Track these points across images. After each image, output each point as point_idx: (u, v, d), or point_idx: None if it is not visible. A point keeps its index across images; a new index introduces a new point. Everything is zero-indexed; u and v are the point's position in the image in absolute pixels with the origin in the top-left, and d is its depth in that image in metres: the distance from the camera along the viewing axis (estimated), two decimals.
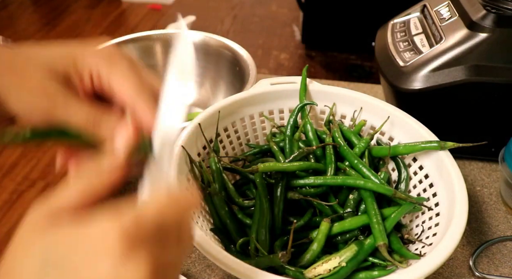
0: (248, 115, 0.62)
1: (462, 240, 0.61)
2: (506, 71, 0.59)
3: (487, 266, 0.58)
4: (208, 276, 0.56)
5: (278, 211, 0.51)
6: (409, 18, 0.74)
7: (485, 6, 0.60)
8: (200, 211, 0.52)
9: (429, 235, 0.48)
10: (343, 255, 0.45)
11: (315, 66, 1.04)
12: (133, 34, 0.83)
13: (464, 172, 0.72)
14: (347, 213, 0.51)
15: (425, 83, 0.62)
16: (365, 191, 0.51)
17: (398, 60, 0.66)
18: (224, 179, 0.55)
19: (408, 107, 0.60)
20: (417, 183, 0.56)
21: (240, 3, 1.31)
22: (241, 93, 0.61)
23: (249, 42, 1.11)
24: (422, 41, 0.67)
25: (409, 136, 0.57)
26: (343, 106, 0.62)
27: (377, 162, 0.58)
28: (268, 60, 1.05)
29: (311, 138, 0.58)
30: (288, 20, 1.28)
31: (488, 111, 0.65)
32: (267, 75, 0.99)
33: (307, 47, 1.21)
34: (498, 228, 0.63)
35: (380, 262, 0.47)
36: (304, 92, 0.61)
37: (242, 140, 0.63)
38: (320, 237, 0.47)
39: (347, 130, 0.59)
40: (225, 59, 0.79)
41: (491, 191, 0.69)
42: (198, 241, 0.42)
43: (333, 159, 0.55)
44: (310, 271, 0.45)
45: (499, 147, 0.65)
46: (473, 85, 0.61)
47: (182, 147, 0.52)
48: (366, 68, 1.00)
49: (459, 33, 0.61)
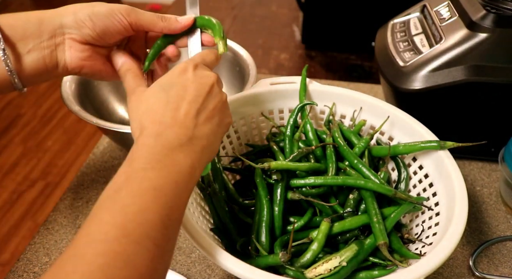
0: (248, 115, 0.62)
1: (462, 240, 0.61)
2: (506, 71, 0.59)
3: (487, 266, 0.58)
4: (208, 276, 0.56)
5: (278, 211, 0.51)
6: (409, 18, 0.74)
7: (485, 6, 0.60)
8: (200, 211, 0.52)
9: (429, 234, 0.48)
10: (343, 255, 0.45)
11: (315, 66, 1.04)
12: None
13: (464, 172, 0.72)
14: (347, 212, 0.51)
15: (425, 83, 0.62)
16: (365, 191, 0.51)
17: (398, 60, 0.66)
18: (224, 179, 0.55)
19: (408, 107, 0.60)
20: (417, 183, 0.56)
21: (240, 3, 1.31)
22: (241, 93, 0.61)
23: (249, 42, 1.11)
24: (422, 41, 0.67)
25: (409, 136, 0.57)
26: (343, 106, 0.62)
27: (377, 162, 0.58)
28: (268, 60, 1.05)
29: (311, 138, 0.58)
30: (288, 20, 1.28)
31: (488, 111, 0.65)
32: (267, 75, 0.99)
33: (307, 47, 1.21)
34: (498, 228, 0.63)
35: (380, 261, 0.48)
36: (304, 92, 0.61)
37: (242, 140, 0.63)
38: (320, 237, 0.47)
39: (347, 130, 0.59)
40: (225, 59, 0.79)
41: (491, 191, 0.69)
42: (198, 241, 0.42)
43: (334, 159, 0.55)
44: (311, 271, 0.45)
45: (499, 147, 0.65)
46: (473, 85, 0.61)
47: None
48: (366, 68, 1.00)
49: (459, 33, 0.61)
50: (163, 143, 0.36)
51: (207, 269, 0.57)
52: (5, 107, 2.17)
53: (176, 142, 0.37)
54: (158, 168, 0.34)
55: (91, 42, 0.45)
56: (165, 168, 0.35)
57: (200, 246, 0.42)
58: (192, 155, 0.38)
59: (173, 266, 0.57)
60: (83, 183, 0.70)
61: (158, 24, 0.46)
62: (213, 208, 0.53)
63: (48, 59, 0.43)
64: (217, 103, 0.42)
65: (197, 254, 0.59)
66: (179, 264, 0.58)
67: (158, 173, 0.34)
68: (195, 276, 0.56)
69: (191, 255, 0.59)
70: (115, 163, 0.73)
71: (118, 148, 0.76)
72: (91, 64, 0.46)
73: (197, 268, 0.57)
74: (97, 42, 0.45)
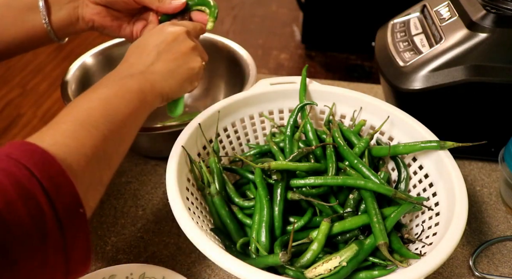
0: (248, 115, 0.62)
1: (462, 240, 0.61)
2: (506, 71, 0.59)
3: (487, 266, 0.58)
4: (208, 276, 0.56)
5: (278, 211, 0.51)
6: (409, 18, 0.74)
7: (485, 6, 0.60)
8: (200, 211, 0.52)
9: (429, 234, 0.48)
10: (343, 255, 0.45)
11: (315, 66, 1.04)
12: None
13: (464, 172, 0.72)
14: (347, 212, 0.51)
15: (425, 83, 0.62)
16: (365, 191, 0.51)
17: (398, 60, 0.66)
18: (224, 179, 0.55)
19: (408, 107, 0.60)
20: (417, 183, 0.56)
21: (240, 3, 1.31)
22: (241, 93, 0.61)
23: (249, 42, 1.11)
24: (422, 41, 0.67)
25: (409, 136, 0.57)
26: (343, 106, 0.62)
27: (377, 162, 0.58)
28: (268, 60, 1.05)
29: (311, 138, 0.58)
30: (288, 20, 1.28)
31: (488, 111, 0.65)
32: (267, 75, 0.99)
33: (307, 47, 1.21)
34: (498, 228, 0.63)
35: (380, 261, 0.48)
36: (304, 92, 0.61)
37: (242, 140, 0.63)
38: (320, 237, 0.47)
39: (347, 130, 0.59)
40: (225, 59, 0.79)
41: (491, 191, 0.69)
42: (198, 241, 0.42)
43: (334, 159, 0.55)
44: (311, 271, 0.45)
45: (499, 147, 0.65)
46: (473, 85, 0.61)
47: (182, 147, 0.52)
48: (366, 68, 1.00)
49: (459, 33, 0.61)
50: (119, 73, 0.49)
51: (207, 269, 0.57)
52: (5, 107, 2.17)
53: (127, 73, 0.48)
54: (108, 86, 0.46)
55: (101, 3, 0.58)
56: (114, 87, 0.45)
57: (200, 246, 0.42)
58: (141, 83, 0.47)
59: (173, 266, 0.57)
60: None
61: (154, 3, 0.59)
62: (213, 208, 0.53)
63: (72, 14, 0.58)
64: (182, 48, 0.52)
65: (197, 254, 0.59)
66: (179, 264, 0.58)
67: (107, 89, 0.45)
68: (195, 276, 0.56)
69: (191, 255, 0.59)
70: None
71: None
72: (100, 20, 0.59)
73: (197, 268, 0.57)
74: (107, 4, 0.58)
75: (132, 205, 0.66)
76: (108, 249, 0.59)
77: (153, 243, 0.60)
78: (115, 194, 0.68)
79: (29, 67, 2.24)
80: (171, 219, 0.63)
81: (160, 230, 0.62)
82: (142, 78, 0.48)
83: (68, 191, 0.34)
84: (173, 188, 0.47)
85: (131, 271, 0.54)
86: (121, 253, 0.59)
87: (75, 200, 0.34)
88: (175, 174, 0.49)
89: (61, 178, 0.34)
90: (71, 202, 0.34)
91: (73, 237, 0.34)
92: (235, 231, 0.52)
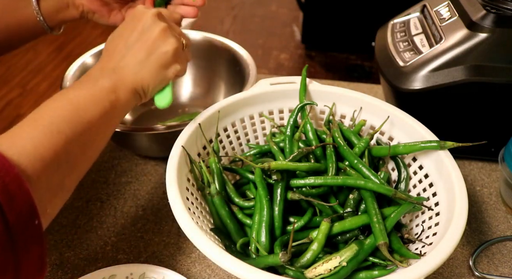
0: (248, 115, 0.62)
1: (462, 240, 0.61)
2: (506, 71, 0.59)
3: (487, 266, 0.58)
4: (208, 276, 0.56)
5: (278, 211, 0.51)
6: (409, 18, 0.74)
7: (485, 6, 0.60)
8: (200, 211, 0.52)
9: (429, 234, 0.48)
10: (343, 255, 0.45)
11: (315, 66, 1.04)
12: None
13: (464, 172, 0.72)
14: (347, 212, 0.51)
15: (425, 83, 0.62)
16: (365, 191, 0.51)
17: (398, 60, 0.66)
18: (224, 179, 0.55)
19: (408, 107, 0.60)
20: (417, 183, 0.56)
21: (240, 3, 1.31)
22: (241, 93, 0.61)
23: (249, 42, 1.11)
24: (422, 41, 0.67)
25: (409, 136, 0.57)
26: (343, 106, 0.62)
27: (377, 162, 0.58)
28: (268, 60, 1.05)
29: (311, 138, 0.58)
30: (288, 20, 1.28)
31: (488, 111, 0.65)
32: (267, 75, 0.99)
33: (307, 47, 1.21)
34: (498, 228, 0.63)
35: (380, 261, 0.47)
36: (304, 92, 0.61)
37: (242, 140, 0.63)
38: (320, 237, 0.47)
39: (347, 130, 0.59)
40: (225, 59, 0.79)
41: (491, 191, 0.69)
42: (198, 241, 0.42)
43: (334, 159, 0.55)
44: (311, 271, 0.45)
45: (499, 147, 0.65)
46: (473, 85, 0.61)
47: (182, 147, 0.52)
48: (366, 68, 1.00)
49: (459, 33, 0.61)
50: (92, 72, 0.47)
51: (207, 269, 0.57)
52: (5, 107, 2.17)
53: (99, 71, 0.47)
54: (80, 87, 0.45)
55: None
56: (84, 87, 0.44)
57: (200, 246, 0.42)
58: (112, 80, 0.46)
59: (173, 266, 0.57)
60: (83, 183, 0.70)
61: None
62: (213, 208, 0.53)
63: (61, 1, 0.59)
64: (152, 34, 0.48)
65: (197, 254, 0.59)
66: (179, 264, 0.58)
67: (77, 90, 0.44)
68: (195, 276, 0.56)
69: (191, 255, 0.59)
70: (115, 163, 0.73)
71: (118, 148, 0.76)
72: (89, 5, 0.59)
73: (197, 268, 0.57)
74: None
75: (132, 205, 0.66)
76: (108, 249, 0.59)
77: (153, 243, 0.60)
78: (115, 194, 0.68)
79: (29, 67, 2.24)
80: (171, 219, 0.63)
81: (160, 230, 0.62)
82: (113, 75, 0.46)
83: (22, 201, 0.31)
84: (173, 188, 0.47)
85: (131, 271, 0.54)
86: (121, 253, 0.59)
87: (30, 210, 0.32)
88: (175, 174, 0.49)
89: (16, 185, 0.31)
90: (25, 213, 0.31)
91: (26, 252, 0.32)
92: (235, 231, 0.52)
